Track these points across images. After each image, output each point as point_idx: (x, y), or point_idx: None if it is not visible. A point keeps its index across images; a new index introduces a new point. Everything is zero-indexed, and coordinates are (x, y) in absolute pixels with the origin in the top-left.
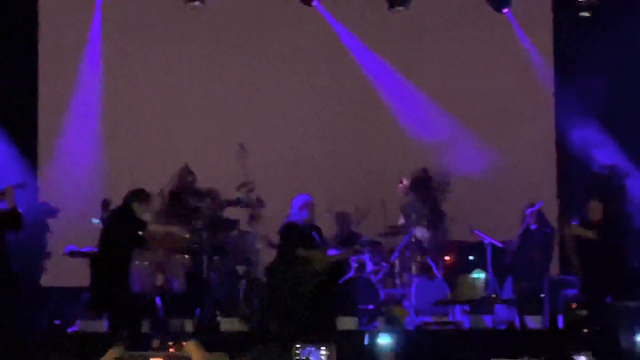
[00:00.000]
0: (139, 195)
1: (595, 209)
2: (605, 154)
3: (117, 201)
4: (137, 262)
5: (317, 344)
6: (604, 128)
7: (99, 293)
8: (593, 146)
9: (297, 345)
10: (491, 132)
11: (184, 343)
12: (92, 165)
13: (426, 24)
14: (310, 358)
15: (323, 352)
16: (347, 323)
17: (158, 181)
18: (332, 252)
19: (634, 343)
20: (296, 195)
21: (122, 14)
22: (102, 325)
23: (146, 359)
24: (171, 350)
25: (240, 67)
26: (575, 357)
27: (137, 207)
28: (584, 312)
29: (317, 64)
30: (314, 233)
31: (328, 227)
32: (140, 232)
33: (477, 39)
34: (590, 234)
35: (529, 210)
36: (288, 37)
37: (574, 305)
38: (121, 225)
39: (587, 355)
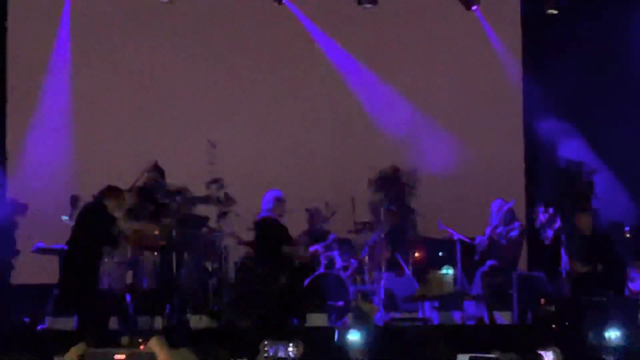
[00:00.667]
0: (110, 192)
1: (584, 222)
2: (573, 150)
3: (86, 198)
4: (106, 260)
5: (285, 340)
6: (571, 124)
7: (68, 290)
8: (561, 142)
9: (266, 342)
10: (460, 129)
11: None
12: (61, 162)
13: (396, 21)
14: (279, 355)
15: (291, 349)
16: (317, 319)
17: (127, 178)
18: (312, 247)
19: (601, 338)
20: (267, 191)
21: (92, 10)
22: (71, 323)
23: (109, 356)
24: (141, 347)
25: (210, 64)
26: (542, 353)
27: (108, 204)
28: (553, 308)
29: (287, 61)
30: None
31: (298, 224)
32: (110, 229)
33: (446, 36)
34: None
35: (500, 208)
36: (258, 34)
37: (542, 301)
38: (91, 222)
39: (554, 351)
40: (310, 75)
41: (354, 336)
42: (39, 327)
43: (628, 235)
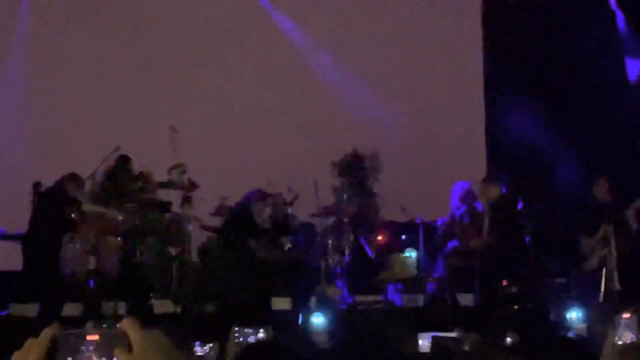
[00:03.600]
0: (72, 178)
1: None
2: (534, 132)
3: (48, 184)
4: (69, 245)
5: (255, 325)
6: (533, 104)
7: (30, 277)
8: (522, 123)
9: (236, 328)
10: (421, 112)
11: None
12: (22, 149)
13: (357, 5)
14: (249, 340)
15: (261, 334)
16: (281, 303)
17: (90, 164)
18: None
19: (563, 319)
20: (252, 190)
21: None
22: (34, 310)
23: (82, 337)
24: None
25: (170, 48)
26: (502, 338)
27: (69, 190)
28: (514, 289)
29: (249, 45)
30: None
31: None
32: (72, 215)
33: (408, 21)
34: None
35: (460, 190)
36: (218, 18)
37: (504, 282)
38: (53, 208)
39: (512, 337)
40: (273, 59)
41: (317, 320)
42: (2, 313)
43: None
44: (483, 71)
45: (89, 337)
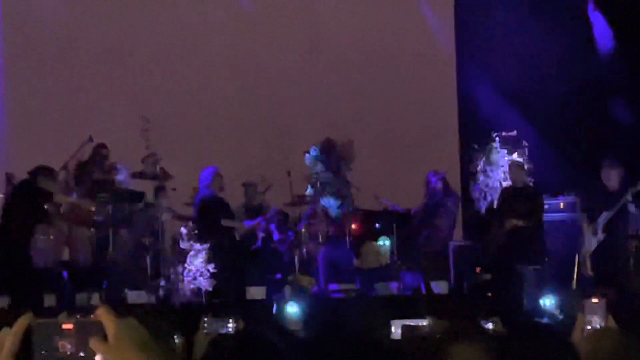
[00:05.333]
0: (44, 168)
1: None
2: (506, 120)
3: (21, 175)
4: (42, 237)
5: (225, 317)
6: (505, 94)
7: (3, 268)
8: (495, 113)
9: (205, 319)
10: (394, 100)
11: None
12: None
13: None
14: (220, 331)
15: (230, 325)
16: (255, 292)
17: (62, 154)
18: (247, 222)
19: (537, 306)
20: (203, 168)
21: None
22: (6, 301)
23: (57, 325)
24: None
25: (142, 38)
26: (482, 323)
27: (41, 181)
28: (488, 277)
29: (220, 34)
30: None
31: (235, 198)
32: (45, 206)
33: (379, 5)
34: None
35: (434, 178)
36: (188, 7)
37: (478, 270)
38: (25, 199)
39: (494, 321)
40: (244, 46)
41: (292, 308)
42: None
43: (562, 206)
44: (455, 59)
45: (63, 326)
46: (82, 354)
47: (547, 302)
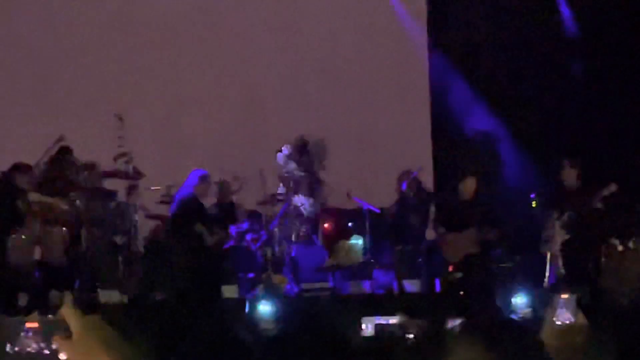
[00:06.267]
0: (18, 167)
1: (468, 185)
2: (478, 118)
3: None
4: (14, 235)
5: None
6: (477, 92)
7: None
8: (467, 111)
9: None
10: (366, 99)
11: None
12: None
13: None
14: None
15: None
16: (228, 291)
17: (34, 153)
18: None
19: (509, 304)
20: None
21: None
22: None
23: (21, 324)
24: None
25: (115, 35)
26: (450, 322)
27: (14, 180)
28: (460, 275)
29: (193, 32)
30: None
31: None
32: (17, 205)
33: (351, 4)
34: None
35: (406, 177)
36: (161, 4)
37: (450, 268)
38: (1, 197)
39: (465, 319)
40: (218, 44)
41: (264, 307)
42: None
43: (534, 204)
44: (428, 58)
45: (28, 324)
46: (46, 351)
47: (519, 299)
